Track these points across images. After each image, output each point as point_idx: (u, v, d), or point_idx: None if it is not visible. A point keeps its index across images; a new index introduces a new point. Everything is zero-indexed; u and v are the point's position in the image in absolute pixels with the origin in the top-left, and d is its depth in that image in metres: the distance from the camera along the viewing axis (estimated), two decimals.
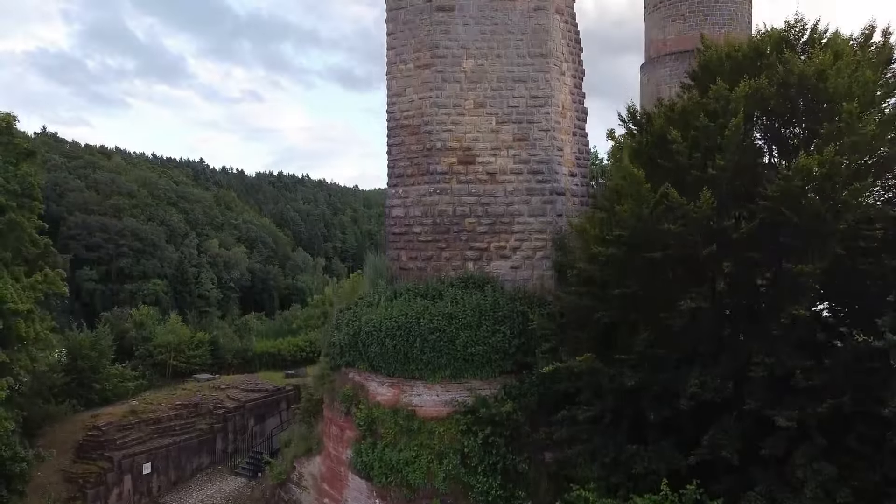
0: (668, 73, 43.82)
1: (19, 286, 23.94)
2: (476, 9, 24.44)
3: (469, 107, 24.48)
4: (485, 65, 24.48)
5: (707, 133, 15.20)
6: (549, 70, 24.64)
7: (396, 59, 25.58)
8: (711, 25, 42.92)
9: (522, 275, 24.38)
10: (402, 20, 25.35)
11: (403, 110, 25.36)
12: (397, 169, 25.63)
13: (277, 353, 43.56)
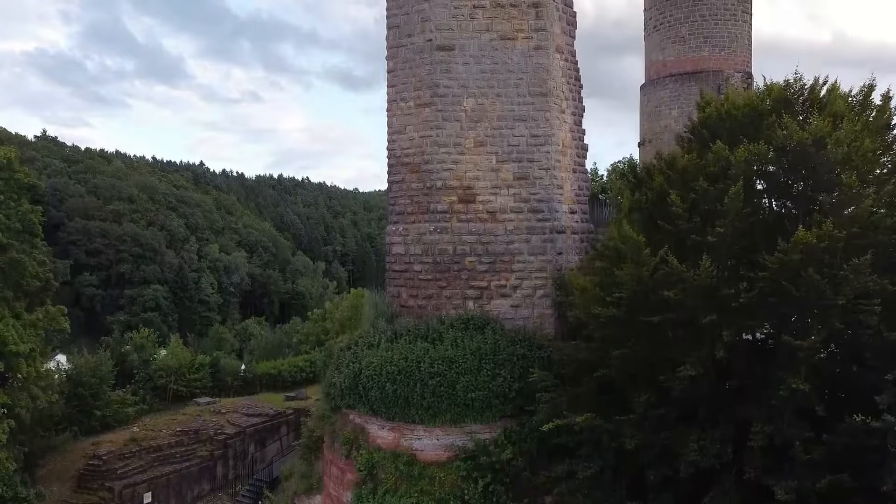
0: (667, 95, 43.90)
1: (20, 324, 23.98)
2: (476, 48, 24.49)
3: (469, 146, 24.52)
4: (485, 104, 24.52)
5: (707, 197, 15.26)
6: (549, 109, 24.68)
7: (397, 96, 25.62)
8: (711, 48, 43.00)
9: (523, 313, 24.42)
10: (403, 58, 25.39)
11: (404, 148, 25.40)
12: (398, 206, 25.67)
13: (278, 374, 43.62)
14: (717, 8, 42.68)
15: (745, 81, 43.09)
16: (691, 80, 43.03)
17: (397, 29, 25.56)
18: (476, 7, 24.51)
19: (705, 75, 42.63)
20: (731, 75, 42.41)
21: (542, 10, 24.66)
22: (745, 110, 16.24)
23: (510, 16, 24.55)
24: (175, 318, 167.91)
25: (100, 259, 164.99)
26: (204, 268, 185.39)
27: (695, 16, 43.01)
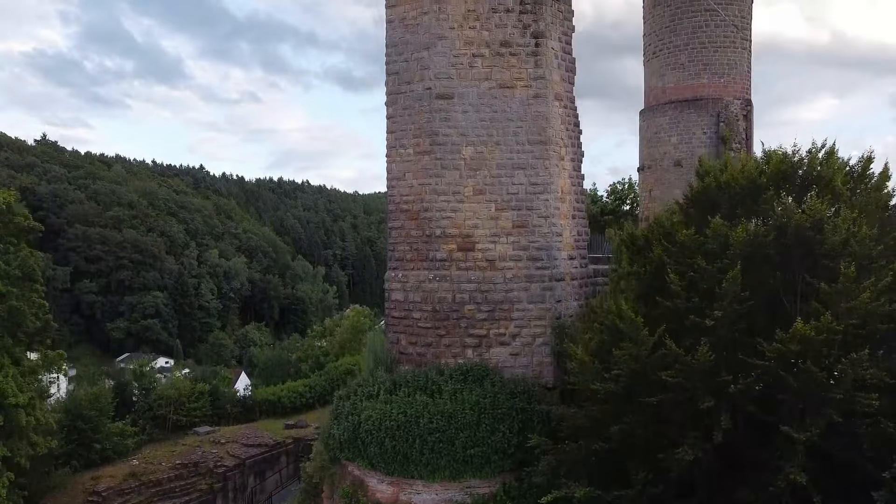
0: (667, 122, 43.91)
1: (20, 371, 24.02)
2: (476, 97, 24.52)
3: (468, 194, 24.54)
4: (484, 152, 24.54)
5: (705, 276, 15.28)
6: (548, 157, 24.72)
7: (396, 143, 25.65)
8: (711, 75, 43.01)
9: (522, 361, 24.46)
10: (402, 105, 25.41)
11: (403, 195, 25.43)
12: (397, 252, 25.70)
13: (277, 400, 43.64)
14: (717, 35, 42.68)
15: (744, 108, 43.13)
16: (690, 108, 43.05)
17: (396, 76, 25.58)
18: (475, 56, 24.55)
19: (704, 102, 42.65)
20: (730, 102, 42.43)
21: (540, 58, 24.70)
22: (744, 182, 16.25)
23: (509, 64, 24.59)
24: (175, 325, 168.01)
25: (100, 266, 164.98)
26: (204, 273, 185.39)
27: (694, 43, 43.01)
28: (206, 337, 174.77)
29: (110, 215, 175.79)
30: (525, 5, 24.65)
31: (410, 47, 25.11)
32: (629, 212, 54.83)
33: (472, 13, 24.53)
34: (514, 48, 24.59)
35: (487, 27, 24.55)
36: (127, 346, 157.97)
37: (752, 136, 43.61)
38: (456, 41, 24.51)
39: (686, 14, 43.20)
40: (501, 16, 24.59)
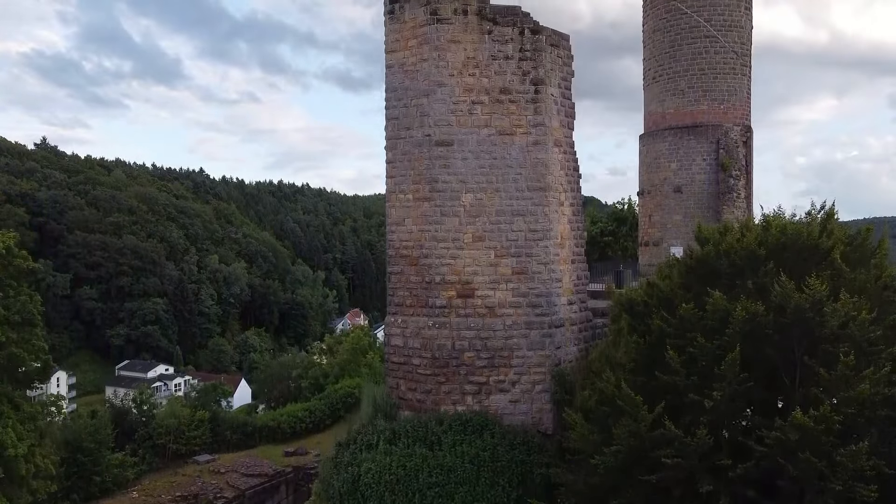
0: (666, 148, 43.89)
1: (19, 417, 24.03)
2: (475, 143, 24.53)
3: (468, 240, 24.55)
4: (484, 199, 24.56)
5: (705, 354, 15.29)
6: (548, 204, 24.74)
7: (395, 188, 25.66)
8: (711, 101, 42.99)
9: (521, 408, 24.48)
10: (401, 150, 25.43)
11: (403, 240, 25.44)
12: (396, 298, 25.70)
13: (277, 426, 43.61)
14: (717, 62, 42.64)
15: (743, 135, 43.10)
16: (690, 134, 43.02)
17: (396, 121, 25.59)
18: (475, 102, 24.56)
19: (704, 129, 42.62)
20: (730, 129, 42.40)
21: (540, 105, 24.71)
22: (743, 254, 16.25)
23: (509, 111, 24.60)
24: (175, 331, 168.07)
25: (99, 272, 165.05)
26: (204, 279, 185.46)
27: (694, 69, 42.97)
28: (206, 343, 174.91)
29: (110, 221, 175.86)
30: (524, 52, 24.67)
31: (410, 93, 25.12)
32: (629, 232, 54.82)
33: (471, 60, 24.55)
34: (513, 95, 24.61)
35: (487, 74, 24.57)
36: (127, 353, 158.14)
37: (751, 163, 43.62)
38: (455, 88, 24.52)
39: (686, 40, 43.17)
40: (501, 63, 24.60)
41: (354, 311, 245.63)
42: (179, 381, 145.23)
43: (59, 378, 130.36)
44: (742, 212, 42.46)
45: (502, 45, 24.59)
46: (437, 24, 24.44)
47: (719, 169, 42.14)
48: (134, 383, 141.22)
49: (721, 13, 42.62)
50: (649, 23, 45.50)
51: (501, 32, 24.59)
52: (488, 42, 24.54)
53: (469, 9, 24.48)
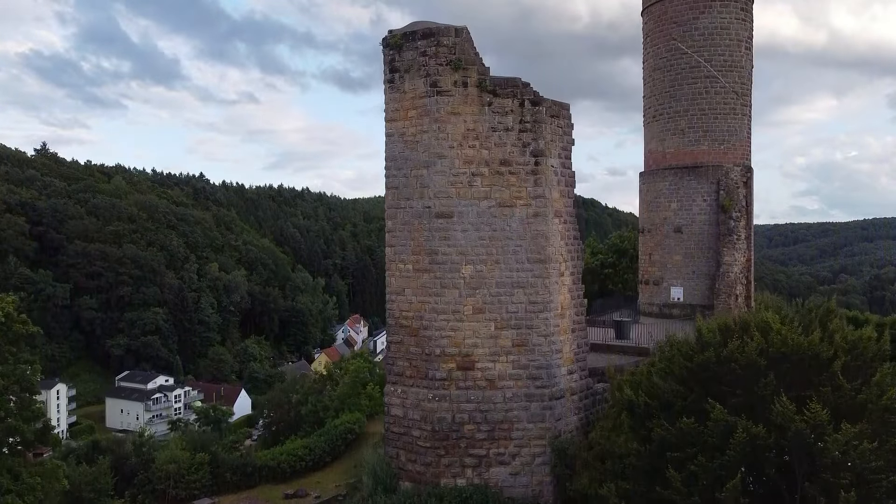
0: (667, 188, 43.86)
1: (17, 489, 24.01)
2: (475, 215, 24.49)
3: (468, 312, 24.51)
4: (484, 270, 24.52)
5: (706, 473, 15.27)
6: (548, 276, 24.70)
7: (395, 257, 25.64)
8: (711, 141, 42.96)
9: (521, 481, 24.46)
10: (401, 220, 25.40)
11: (402, 310, 25.41)
12: (396, 367, 25.68)
13: (277, 466, 43.46)
14: (717, 102, 42.59)
15: (744, 175, 43.05)
16: (690, 175, 42.99)
17: (396, 191, 25.57)
18: (475, 174, 24.52)
19: (704, 170, 42.58)
20: (730, 169, 42.36)
21: (540, 177, 24.68)
22: (744, 363, 16.20)
23: (509, 183, 24.56)
24: (175, 341, 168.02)
25: (99, 282, 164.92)
26: (204, 287, 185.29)
27: (694, 109, 42.92)
28: (205, 351, 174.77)
29: (110, 230, 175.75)
30: (524, 124, 24.63)
31: (410, 163, 25.09)
32: (629, 264, 54.71)
33: (471, 132, 24.51)
34: (513, 167, 24.57)
35: (487, 146, 24.53)
36: (127, 363, 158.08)
37: (751, 203, 43.56)
38: (455, 160, 24.48)
39: (686, 80, 43.13)
40: (501, 134, 24.57)
41: (354, 318, 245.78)
42: (179, 392, 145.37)
43: (59, 390, 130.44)
44: (742, 253, 42.47)
45: (502, 117, 24.56)
46: (437, 95, 24.40)
47: (720, 210, 42.11)
48: (134, 395, 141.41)
49: (721, 53, 42.60)
50: (649, 61, 45.46)
51: (501, 104, 24.55)
52: (488, 114, 24.50)
53: (469, 81, 24.43)
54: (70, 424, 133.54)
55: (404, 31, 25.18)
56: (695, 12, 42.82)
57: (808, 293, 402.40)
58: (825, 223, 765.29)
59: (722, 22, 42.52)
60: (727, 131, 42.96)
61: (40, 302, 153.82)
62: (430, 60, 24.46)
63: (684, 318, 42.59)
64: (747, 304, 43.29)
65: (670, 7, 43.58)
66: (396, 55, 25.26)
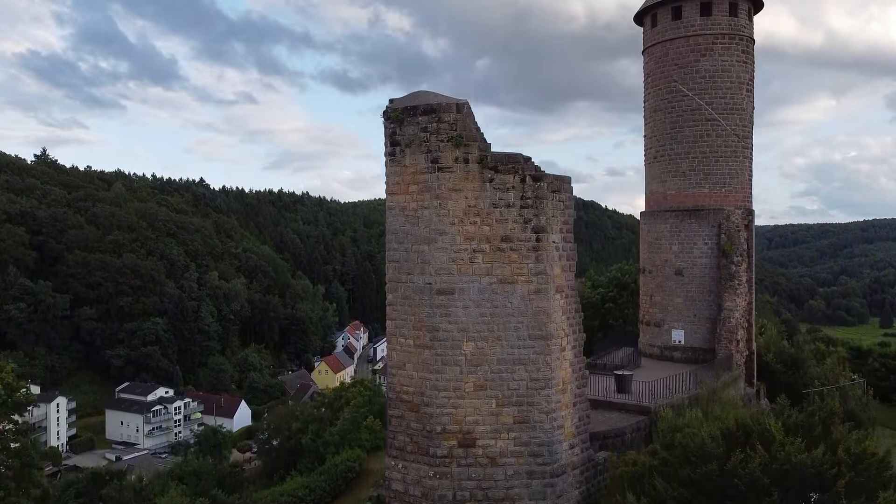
0: (668, 230, 43.76)
1: None
2: (476, 292, 24.39)
3: (469, 389, 24.43)
4: (485, 347, 24.43)
5: None
6: (549, 352, 24.62)
7: (396, 331, 25.55)
8: (712, 184, 42.85)
9: None
10: (402, 294, 25.31)
11: (403, 384, 25.34)
12: (397, 441, 25.60)
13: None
14: (718, 145, 42.40)
15: (745, 218, 42.93)
16: (691, 218, 42.86)
17: (397, 264, 25.48)
18: (476, 251, 24.43)
19: (706, 213, 42.42)
20: (731, 212, 42.21)
21: (541, 253, 24.59)
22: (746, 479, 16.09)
23: (510, 259, 24.47)
24: (175, 350, 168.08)
25: (99, 292, 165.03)
26: (204, 296, 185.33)
27: (695, 152, 42.75)
28: (205, 361, 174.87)
29: (110, 239, 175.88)
30: (526, 200, 24.54)
31: (411, 238, 25.00)
32: (630, 298, 54.61)
33: (472, 208, 24.41)
34: (514, 243, 24.48)
35: (488, 222, 24.44)
36: (126, 374, 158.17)
37: (752, 246, 43.48)
38: (457, 236, 24.39)
39: (687, 123, 43.01)
40: (502, 211, 24.48)
41: (355, 324, 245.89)
42: (179, 403, 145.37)
43: (58, 403, 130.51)
44: (743, 297, 42.37)
45: (504, 193, 24.47)
46: (438, 172, 24.31)
47: (721, 254, 42.00)
48: (134, 406, 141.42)
49: (723, 96, 42.48)
50: (650, 101, 45.34)
51: (503, 180, 24.46)
52: (489, 190, 24.41)
53: (470, 157, 24.35)
54: (70, 437, 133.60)
55: (405, 106, 25.07)
56: (696, 55, 42.69)
57: (808, 296, 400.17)
58: (825, 224, 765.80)
59: (723, 65, 42.39)
60: (728, 174, 42.83)
61: (40, 313, 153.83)
62: (432, 137, 24.38)
63: (686, 362, 42.55)
64: (748, 348, 43.26)
65: (671, 48, 43.46)
66: (397, 128, 25.17)
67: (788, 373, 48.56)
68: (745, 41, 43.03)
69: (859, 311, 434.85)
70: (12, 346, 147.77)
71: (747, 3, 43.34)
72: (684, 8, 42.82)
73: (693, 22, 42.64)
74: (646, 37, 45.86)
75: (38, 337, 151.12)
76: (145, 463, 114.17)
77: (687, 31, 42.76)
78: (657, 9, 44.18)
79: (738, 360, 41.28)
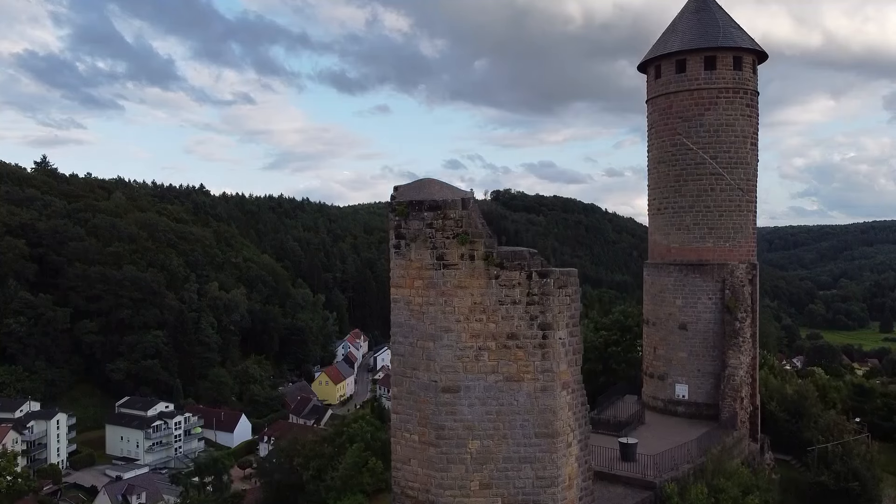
0: (672, 284, 43.62)
1: None
2: (482, 390, 24.22)
3: (475, 488, 24.26)
4: (491, 446, 24.26)
5: None
6: (556, 450, 24.45)
7: (401, 426, 25.41)
8: (716, 239, 42.71)
9: None
10: (407, 389, 25.16)
11: (408, 480, 25.19)
12: None
13: None
14: (722, 200, 42.18)
15: (749, 273, 42.79)
16: (696, 272, 42.67)
17: (402, 358, 25.33)
18: (482, 349, 24.25)
19: (710, 268, 42.21)
20: (735, 267, 42.04)
21: (548, 350, 24.40)
22: None
23: (516, 357, 24.28)
24: (175, 364, 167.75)
25: (99, 305, 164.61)
26: (204, 307, 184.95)
27: (699, 206, 42.54)
28: (206, 373, 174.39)
29: (110, 251, 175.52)
30: (532, 296, 24.35)
31: (416, 333, 24.83)
32: (633, 340, 54.46)
33: (478, 305, 24.23)
34: (520, 340, 24.29)
35: (494, 319, 24.25)
36: (126, 388, 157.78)
37: (756, 300, 43.32)
38: (462, 334, 24.20)
39: (691, 176, 42.87)
40: (508, 307, 24.28)
41: (355, 332, 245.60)
42: (179, 419, 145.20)
43: (59, 420, 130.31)
44: (748, 353, 42.21)
45: (509, 290, 24.28)
46: (443, 269, 24.14)
47: (725, 310, 41.85)
48: (134, 422, 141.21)
49: (727, 150, 42.32)
50: (654, 152, 45.18)
51: (509, 277, 24.27)
52: (495, 287, 24.22)
53: (476, 254, 24.16)
54: (70, 453, 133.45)
55: (410, 200, 24.89)
56: (700, 108, 42.54)
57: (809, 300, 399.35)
58: (825, 226, 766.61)
59: (728, 119, 42.25)
60: (732, 228, 42.69)
61: (40, 326, 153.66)
62: (437, 233, 24.20)
63: (690, 417, 42.46)
64: (752, 403, 43.11)
65: (675, 101, 43.30)
66: (402, 222, 24.99)
67: (792, 421, 48.57)
68: (749, 94, 42.88)
69: (859, 315, 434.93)
70: (12, 360, 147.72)
71: (751, 56, 43.19)
72: (689, 61, 42.66)
73: (697, 76, 42.47)
74: (649, 87, 45.68)
75: (38, 351, 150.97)
76: (146, 482, 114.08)
77: (691, 85, 42.61)
78: (661, 60, 44.01)
79: (742, 418, 41.14)
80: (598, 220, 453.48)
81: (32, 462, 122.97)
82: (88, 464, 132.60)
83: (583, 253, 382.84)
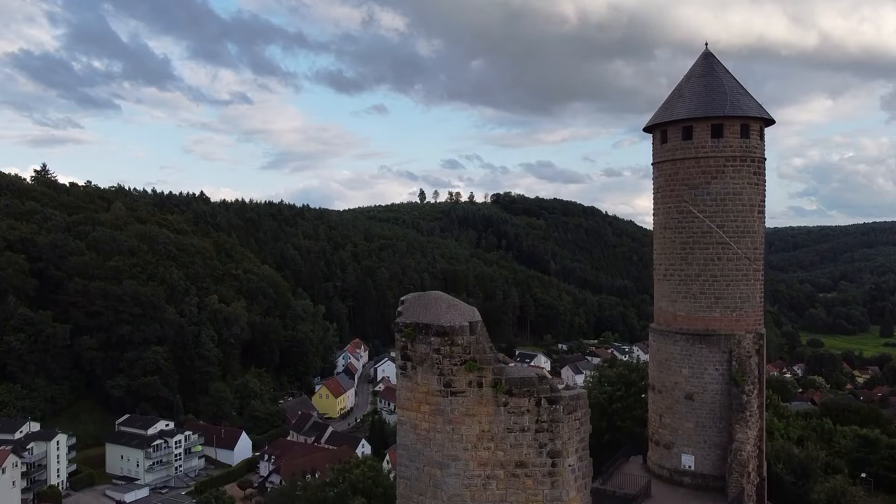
0: (678, 352, 43.18)
1: None
2: None
3: None
4: None
5: None
6: None
7: None
8: (723, 308, 42.24)
9: None
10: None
11: None
12: None
13: None
14: (729, 269, 41.71)
15: (756, 342, 42.37)
16: (702, 343, 42.20)
17: (408, 481, 24.95)
18: (489, 477, 23.84)
19: (717, 339, 41.74)
20: (742, 337, 41.62)
21: (557, 479, 23.97)
22: None
23: (525, 486, 23.88)
24: (175, 379, 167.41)
25: (99, 321, 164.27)
26: (204, 320, 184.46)
27: (706, 275, 42.11)
28: (206, 388, 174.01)
29: (110, 265, 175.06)
30: (541, 423, 23.92)
31: (423, 458, 24.43)
32: (638, 394, 54.09)
33: (486, 433, 23.82)
34: (529, 469, 23.88)
35: (502, 447, 23.84)
36: (127, 404, 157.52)
37: (763, 370, 42.94)
38: (470, 462, 23.81)
39: (698, 245, 42.41)
40: (517, 435, 23.87)
41: (355, 342, 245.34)
42: (180, 437, 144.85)
43: (58, 441, 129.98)
44: (755, 426, 41.81)
45: (518, 417, 23.85)
46: (450, 396, 23.73)
47: (732, 382, 41.43)
48: (134, 441, 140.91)
49: (734, 219, 41.84)
50: (660, 217, 44.73)
51: (517, 404, 23.84)
52: (504, 414, 23.80)
53: (484, 381, 23.75)
54: (70, 473, 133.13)
55: (417, 322, 24.44)
56: (707, 177, 42.07)
57: (809, 304, 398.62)
58: (824, 227, 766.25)
59: (735, 188, 41.77)
60: (739, 298, 42.22)
61: (40, 343, 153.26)
62: (445, 360, 23.78)
63: (696, 489, 42.11)
64: (759, 475, 42.72)
65: (681, 168, 42.84)
66: (409, 344, 24.55)
67: (798, 483, 48.24)
68: (756, 162, 42.43)
69: (859, 319, 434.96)
70: (12, 378, 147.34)
71: (758, 123, 42.73)
72: (695, 129, 42.19)
73: (704, 143, 42.01)
74: (655, 151, 45.22)
75: (38, 368, 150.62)
76: None
77: (698, 153, 42.14)
78: (667, 126, 43.54)
79: (749, 492, 40.78)
80: (599, 222, 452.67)
81: (32, 484, 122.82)
82: (88, 484, 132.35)
83: (583, 257, 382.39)
